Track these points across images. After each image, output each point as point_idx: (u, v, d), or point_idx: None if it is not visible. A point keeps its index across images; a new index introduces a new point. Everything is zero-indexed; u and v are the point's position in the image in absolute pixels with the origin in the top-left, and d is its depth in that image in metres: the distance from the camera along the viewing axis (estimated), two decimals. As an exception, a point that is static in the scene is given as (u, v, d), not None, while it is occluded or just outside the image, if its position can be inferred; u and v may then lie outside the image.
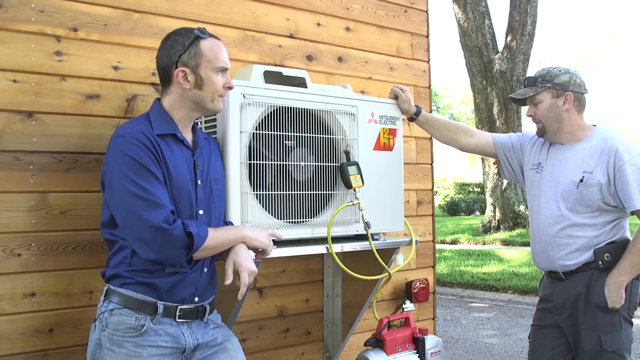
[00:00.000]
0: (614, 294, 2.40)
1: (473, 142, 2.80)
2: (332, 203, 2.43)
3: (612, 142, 2.45)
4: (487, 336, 5.78)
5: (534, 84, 2.55)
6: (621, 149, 2.42)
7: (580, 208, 2.46)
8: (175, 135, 1.93)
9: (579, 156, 2.50)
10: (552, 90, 2.51)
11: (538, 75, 2.56)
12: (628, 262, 2.39)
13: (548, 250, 2.53)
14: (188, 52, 1.91)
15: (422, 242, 3.39)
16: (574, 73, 2.55)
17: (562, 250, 2.49)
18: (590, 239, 2.45)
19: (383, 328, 2.66)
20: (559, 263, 2.51)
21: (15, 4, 2.17)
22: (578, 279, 2.48)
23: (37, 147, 2.19)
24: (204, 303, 1.99)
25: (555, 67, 2.57)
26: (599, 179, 2.42)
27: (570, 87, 2.51)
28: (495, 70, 12.08)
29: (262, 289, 2.81)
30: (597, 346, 2.42)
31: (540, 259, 2.60)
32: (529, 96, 2.56)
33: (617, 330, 2.43)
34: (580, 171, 2.47)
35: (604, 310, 2.42)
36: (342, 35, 3.12)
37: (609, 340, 2.42)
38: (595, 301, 2.43)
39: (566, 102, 2.50)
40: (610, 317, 2.43)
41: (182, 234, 1.79)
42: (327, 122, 2.43)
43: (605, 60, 21.10)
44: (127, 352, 1.81)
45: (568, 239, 2.47)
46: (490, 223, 12.77)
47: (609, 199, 2.43)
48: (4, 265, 2.12)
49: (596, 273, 2.45)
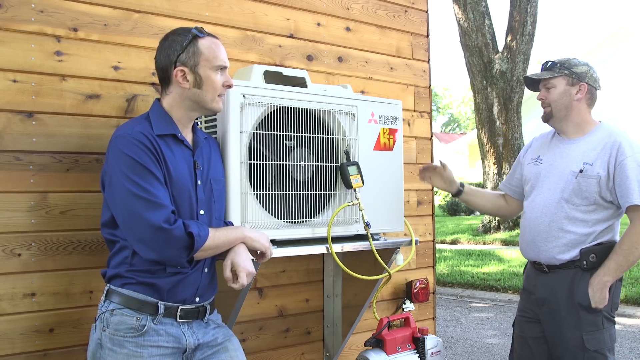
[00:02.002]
0: (598, 294, 2.41)
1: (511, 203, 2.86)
2: (332, 203, 2.43)
3: (616, 137, 2.47)
4: (487, 336, 5.78)
5: (552, 68, 2.57)
6: (624, 144, 2.44)
7: (577, 200, 2.47)
8: (175, 136, 1.93)
9: (581, 148, 2.52)
10: (568, 78, 2.54)
11: (557, 61, 2.58)
12: (613, 263, 2.40)
13: (537, 240, 2.55)
14: (186, 51, 1.91)
15: (422, 242, 3.39)
16: (592, 67, 2.58)
17: (551, 242, 2.51)
18: (580, 236, 2.46)
19: (383, 328, 2.66)
20: (545, 255, 2.53)
21: (15, 4, 2.17)
22: (561, 275, 2.50)
23: (37, 147, 2.19)
24: (205, 303, 1.99)
25: (575, 58, 2.60)
26: (598, 171, 2.44)
27: (587, 78, 2.54)
28: (495, 70, 12.08)
29: (262, 289, 2.81)
30: (580, 345, 2.44)
31: (527, 248, 2.62)
32: (544, 78, 2.57)
33: (599, 329, 2.45)
34: (580, 162, 2.48)
35: (586, 309, 2.44)
36: (342, 35, 3.12)
37: (591, 339, 2.43)
38: (579, 300, 2.45)
39: (579, 92, 2.53)
40: (593, 317, 2.45)
41: (182, 234, 1.79)
42: (327, 122, 2.43)
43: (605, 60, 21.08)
44: (128, 352, 1.81)
45: (558, 232, 2.49)
46: (490, 223, 12.77)
47: (606, 193, 2.44)
48: (4, 265, 2.12)
49: (579, 272, 2.47)
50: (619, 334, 5.57)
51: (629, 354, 5.00)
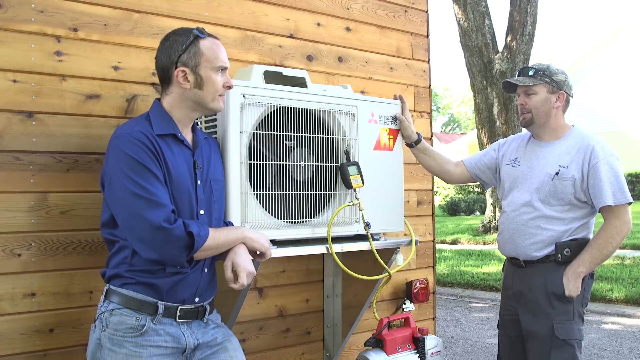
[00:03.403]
0: (572, 282, 2.51)
1: (458, 172, 2.90)
2: (332, 203, 2.43)
3: (589, 140, 2.58)
4: (487, 336, 5.78)
5: (533, 75, 2.63)
6: (597, 147, 2.55)
7: (552, 200, 2.56)
8: (175, 136, 1.93)
9: (556, 152, 2.62)
10: (548, 85, 2.62)
11: (538, 68, 2.65)
12: (588, 255, 2.52)
13: (515, 237, 2.64)
14: (187, 52, 1.91)
15: (422, 242, 3.40)
16: (568, 75, 2.70)
17: (529, 239, 2.60)
18: (557, 233, 2.56)
19: (383, 328, 2.66)
20: (522, 251, 2.62)
21: (15, 4, 2.17)
22: (537, 269, 2.60)
23: (37, 147, 2.19)
24: (204, 303, 1.99)
25: (552, 65, 2.68)
26: (573, 174, 2.54)
27: (564, 87, 2.64)
28: (495, 70, 12.08)
29: (262, 289, 2.81)
30: (549, 333, 2.52)
31: (505, 245, 2.71)
32: (526, 85, 2.63)
33: (569, 320, 2.54)
34: (556, 165, 2.58)
35: (559, 299, 2.53)
36: (342, 35, 3.12)
37: (561, 328, 2.52)
38: (553, 289, 2.54)
39: (558, 100, 2.63)
40: (565, 306, 2.54)
41: (182, 234, 1.79)
42: (327, 122, 2.43)
43: (605, 60, 21.09)
44: (128, 352, 1.81)
45: (536, 229, 2.58)
46: (490, 223, 12.77)
47: (580, 194, 2.54)
48: (4, 265, 2.12)
49: (554, 265, 2.56)
50: (619, 334, 5.58)
51: (629, 354, 5.00)
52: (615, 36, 21.23)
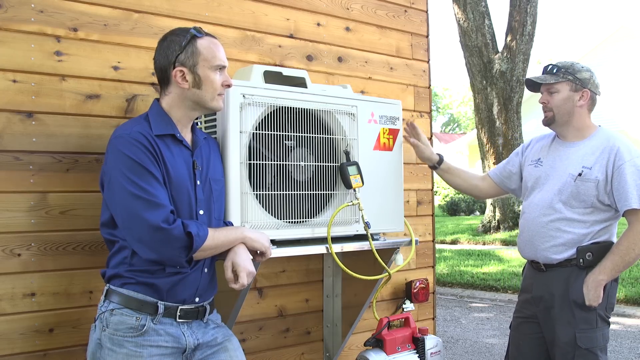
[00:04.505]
0: (592, 292, 2.43)
1: (486, 185, 2.86)
2: (332, 203, 2.43)
3: (614, 141, 2.49)
4: (487, 336, 5.79)
5: (556, 72, 2.57)
6: (622, 149, 2.46)
7: (574, 202, 2.49)
8: (174, 136, 1.93)
9: (580, 152, 2.54)
10: (571, 83, 2.54)
11: (561, 66, 2.58)
12: (610, 262, 2.42)
13: (535, 239, 2.57)
14: (185, 51, 1.91)
15: (422, 242, 3.39)
16: (593, 73, 2.60)
17: (548, 242, 2.52)
18: (578, 236, 2.48)
19: (383, 328, 2.66)
20: (542, 254, 2.54)
21: (15, 4, 2.17)
22: (557, 273, 2.52)
23: (37, 147, 2.19)
24: (204, 303, 1.99)
25: (578, 63, 2.59)
26: (596, 175, 2.46)
27: (589, 85, 2.55)
28: (495, 70, 12.08)
29: (262, 289, 2.81)
30: (571, 342, 2.45)
31: (525, 247, 2.64)
32: (548, 83, 2.57)
33: (592, 328, 2.46)
34: (579, 166, 2.50)
35: (581, 307, 2.46)
36: (342, 35, 3.12)
37: (584, 337, 2.45)
38: (573, 297, 2.47)
39: (582, 98, 2.54)
40: (587, 315, 2.46)
41: (181, 234, 1.79)
42: (327, 122, 2.43)
43: (605, 60, 21.08)
44: (128, 352, 1.81)
45: (556, 232, 2.51)
46: (490, 223, 12.77)
47: (604, 197, 2.46)
48: (4, 265, 2.12)
49: (576, 270, 2.49)
50: (619, 334, 5.57)
51: (629, 354, 5.00)
52: (615, 36, 21.22)
